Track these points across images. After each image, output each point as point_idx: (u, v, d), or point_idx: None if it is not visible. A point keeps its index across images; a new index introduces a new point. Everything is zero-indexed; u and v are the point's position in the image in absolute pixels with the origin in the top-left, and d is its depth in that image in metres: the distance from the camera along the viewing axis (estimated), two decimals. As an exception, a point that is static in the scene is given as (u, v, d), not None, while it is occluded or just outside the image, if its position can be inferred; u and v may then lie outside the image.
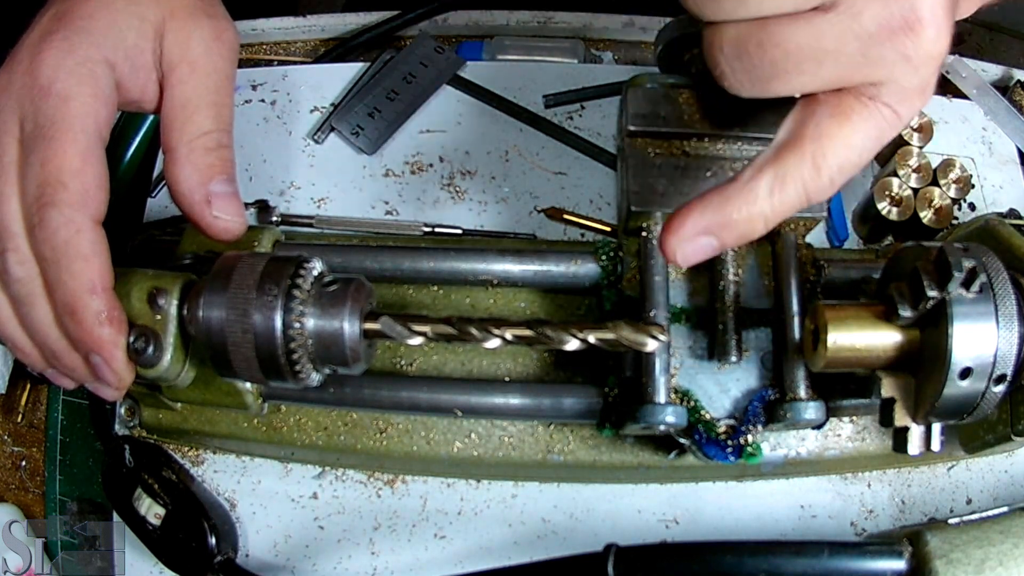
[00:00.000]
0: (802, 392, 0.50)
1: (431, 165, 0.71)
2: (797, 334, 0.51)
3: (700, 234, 0.43)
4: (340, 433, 0.57)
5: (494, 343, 0.45)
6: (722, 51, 0.41)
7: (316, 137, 0.72)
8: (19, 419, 0.69)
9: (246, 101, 0.73)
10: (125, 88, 0.50)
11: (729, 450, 0.51)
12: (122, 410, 0.60)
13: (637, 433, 0.53)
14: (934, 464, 0.61)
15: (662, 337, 0.45)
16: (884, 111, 0.41)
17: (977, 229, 0.55)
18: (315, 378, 0.48)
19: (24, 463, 0.68)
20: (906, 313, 0.45)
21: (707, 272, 0.54)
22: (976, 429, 0.51)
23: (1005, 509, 0.57)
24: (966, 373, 0.43)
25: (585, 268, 0.56)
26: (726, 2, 0.39)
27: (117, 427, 0.60)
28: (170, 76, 0.50)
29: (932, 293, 0.43)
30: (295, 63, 0.79)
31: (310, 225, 0.68)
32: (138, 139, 0.72)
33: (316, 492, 0.60)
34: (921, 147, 0.68)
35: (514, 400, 0.54)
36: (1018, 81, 0.77)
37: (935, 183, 0.67)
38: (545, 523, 0.59)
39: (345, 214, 0.68)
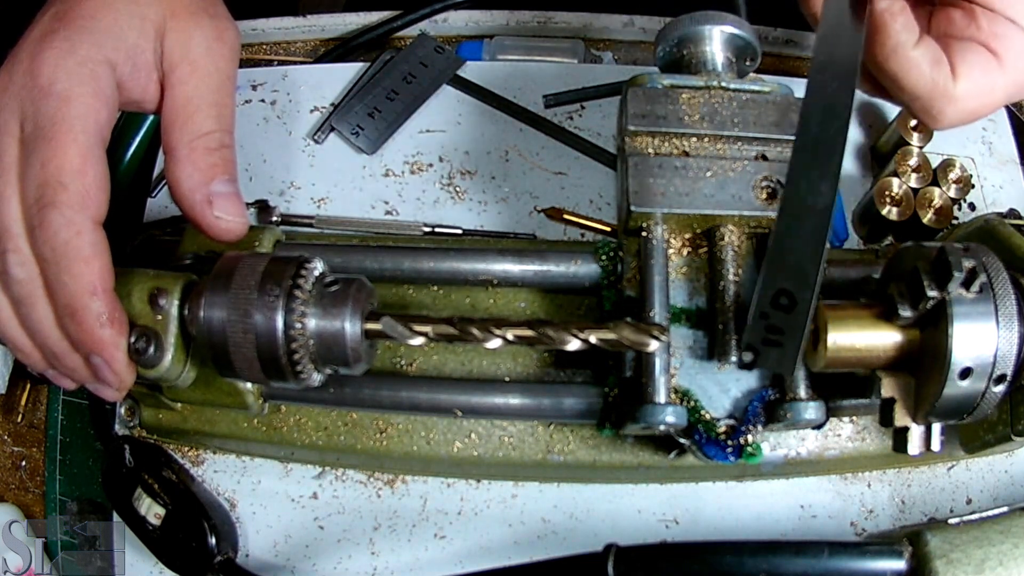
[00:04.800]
0: (802, 392, 0.50)
1: (431, 165, 0.71)
2: (797, 334, 0.51)
3: None
4: (340, 433, 0.57)
5: (495, 343, 0.45)
6: None
7: (316, 137, 0.72)
8: (19, 419, 0.69)
9: (246, 101, 0.73)
10: (126, 88, 0.50)
11: (729, 450, 0.51)
12: (122, 410, 0.60)
13: (637, 433, 0.53)
14: (934, 464, 0.61)
15: (663, 337, 0.45)
16: None
17: (977, 229, 0.55)
18: (316, 378, 0.48)
19: (24, 463, 0.68)
20: (906, 313, 0.45)
21: (707, 272, 0.54)
22: (976, 429, 0.51)
23: (1005, 509, 0.57)
24: (966, 373, 0.43)
25: (585, 268, 0.56)
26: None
27: (117, 427, 0.60)
28: (171, 76, 0.50)
29: (932, 293, 0.43)
30: (295, 63, 0.79)
31: (310, 225, 0.68)
32: (138, 139, 0.72)
33: (316, 492, 0.60)
34: (921, 147, 0.68)
35: (514, 400, 0.54)
36: (1018, 81, 0.77)
37: (935, 183, 0.67)
38: (545, 523, 0.59)
39: (345, 214, 0.68)
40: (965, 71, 0.51)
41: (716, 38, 0.58)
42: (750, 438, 0.51)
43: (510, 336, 0.45)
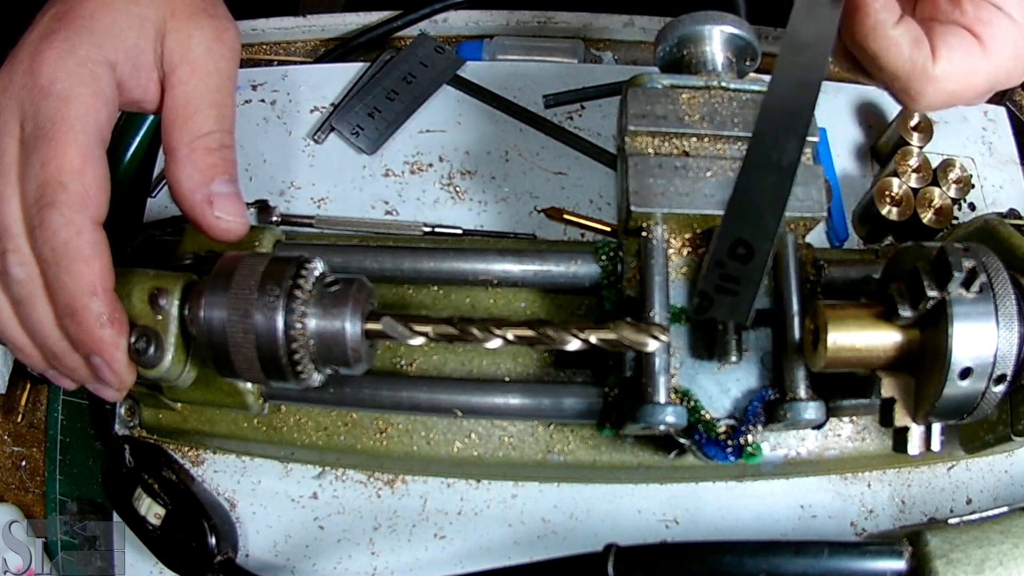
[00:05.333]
0: (802, 392, 0.50)
1: (431, 165, 0.71)
2: (797, 334, 0.51)
3: None
4: (340, 433, 0.57)
5: (496, 343, 0.45)
6: None
7: (316, 137, 0.72)
8: (19, 419, 0.69)
9: (246, 101, 0.73)
10: (126, 88, 0.50)
11: (729, 450, 0.51)
12: (122, 410, 0.60)
13: (637, 433, 0.53)
14: (934, 464, 0.61)
15: (663, 337, 0.45)
16: None
17: (977, 229, 0.55)
18: (316, 378, 0.48)
19: (24, 463, 0.68)
20: (906, 313, 0.45)
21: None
22: (976, 429, 0.51)
23: (1005, 509, 0.57)
24: (966, 373, 0.43)
25: (585, 268, 0.56)
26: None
27: (117, 427, 0.60)
28: (171, 76, 0.50)
29: (932, 293, 0.43)
30: (295, 63, 0.79)
31: (310, 225, 0.68)
32: (138, 139, 0.72)
33: (316, 492, 0.60)
34: (921, 147, 0.68)
35: (514, 400, 0.54)
36: (1018, 81, 0.77)
37: (935, 183, 0.67)
38: (545, 523, 0.59)
39: (345, 214, 0.68)
40: (945, 52, 0.51)
41: (716, 38, 0.58)
42: (750, 438, 0.51)
43: (510, 336, 0.45)
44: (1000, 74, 0.53)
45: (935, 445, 0.47)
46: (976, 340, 0.43)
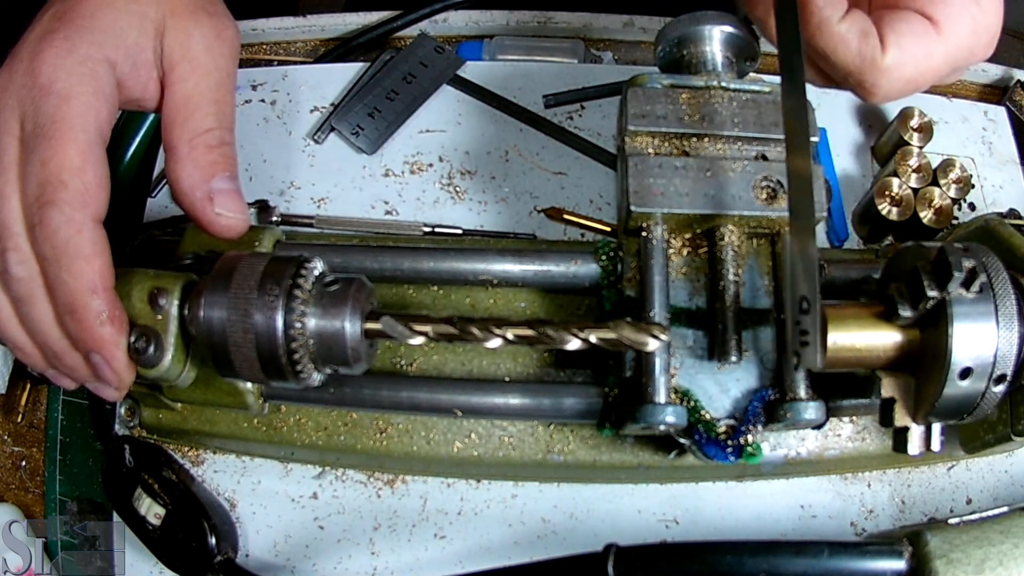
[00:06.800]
0: (802, 392, 0.50)
1: (431, 165, 0.71)
2: (797, 334, 0.51)
3: None
4: (340, 433, 0.57)
5: (495, 343, 0.45)
6: None
7: (316, 137, 0.72)
8: (19, 419, 0.69)
9: (246, 101, 0.73)
10: (126, 87, 0.50)
11: (729, 450, 0.51)
12: (122, 410, 0.60)
13: (637, 433, 0.53)
14: (934, 464, 0.61)
15: (663, 337, 0.45)
16: None
17: (977, 229, 0.55)
18: (316, 378, 0.48)
19: (24, 463, 0.68)
20: (906, 313, 0.45)
21: (707, 272, 0.54)
22: (976, 429, 0.51)
23: (1005, 509, 0.57)
24: (966, 373, 0.43)
25: (585, 268, 0.56)
26: None
27: (117, 427, 0.60)
28: (171, 74, 0.50)
29: (932, 293, 0.43)
30: (295, 63, 0.79)
31: (310, 225, 0.68)
32: (138, 139, 0.72)
33: (316, 492, 0.60)
34: (921, 147, 0.68)
35: (514, 400, 0.54)
36: (1018, 81, 0.77)
37: (935, 183, 0.67)
38: (545, 523, 0.59)
39: (345, 214, 0.68)
40: (894, 40, 0.50)
41: (716, 38, 0.58)
42: (750, 438, 0.51)
43: (510, 336, 0.45)
44: (960, 53, 0.51)
45: (935, 445, 0.47)
46: (976, 340, 0.43)
